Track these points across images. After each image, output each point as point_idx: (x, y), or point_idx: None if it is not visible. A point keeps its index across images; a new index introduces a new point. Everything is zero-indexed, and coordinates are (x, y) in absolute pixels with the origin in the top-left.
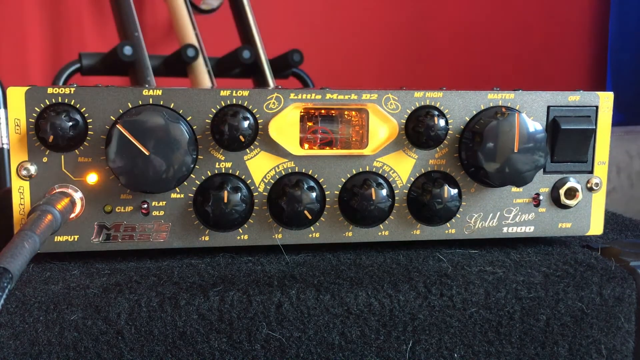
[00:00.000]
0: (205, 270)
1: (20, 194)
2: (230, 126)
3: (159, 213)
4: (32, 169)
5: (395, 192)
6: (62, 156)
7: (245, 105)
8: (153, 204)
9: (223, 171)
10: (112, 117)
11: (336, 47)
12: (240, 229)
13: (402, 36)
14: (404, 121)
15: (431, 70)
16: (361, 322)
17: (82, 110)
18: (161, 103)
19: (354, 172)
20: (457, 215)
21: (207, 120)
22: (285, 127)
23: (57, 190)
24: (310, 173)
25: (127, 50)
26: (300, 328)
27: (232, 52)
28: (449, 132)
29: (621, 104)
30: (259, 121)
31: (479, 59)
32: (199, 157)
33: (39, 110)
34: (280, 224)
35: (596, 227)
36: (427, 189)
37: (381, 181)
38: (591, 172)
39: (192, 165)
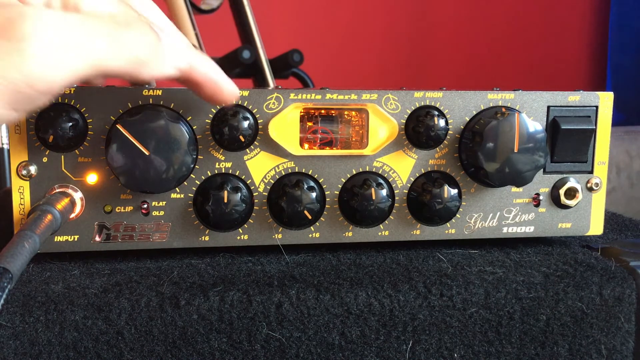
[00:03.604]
0: (205, 270)
1: (20, 194)
2: (230, 126)
3: (159, 213)
4: (32, 169)
5: (395, 192)
6: (62, 156)
7: (245, 105)
8: (153, 204)
9: (223, 171)
10: (112, 117)
11: (336, 47)
12: (240, 229)
13: (402, 36)
14: (404, 121)
15: (431, 70)
16: (361, 322)
17: (82, 110)
18: (161, 103)
19: (354, 172)
20: (457, 215)
21: (207, 120)
22: (285, 127)
23: (57, 190)
24: (310, 173)
25: None
26: (300, 328)
27: (232, 52)
28: (449, 132)
29: (621, 104)
30: (259, 121)
31: (479, 59)
32: (199, 157)
33: (39, 110)
34: (280, 224)
35: (596, 227)
36: (427, 189)
37: (381, 181)
38: (591, 172)
39: (192, 165)
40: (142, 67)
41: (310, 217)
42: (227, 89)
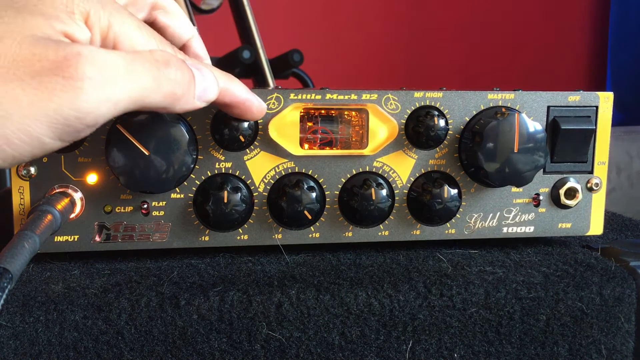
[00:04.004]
0: (205, 270)
1: (20, 194)
2: (230, 126)
3: (159, 213)
4: (32, 169)
5: (395, 192)
6: (62, 156)
7: None
8: (153, 204)
9: (223, 171)
10: None
11: (336, 47)
12: (240, 229)
13: (402, 36)
14: (404, 121)
15: (431, 70)
16: (361, 322)
17: None
18: None
19: (354, 172)
20: (457, 215)
21: (207, 120)
22: (285, 127)
23: (57, 190)
24: (310, 173)
25: None
26: (300, 328)
27: (232, 52)
28: (449, 132)
29: (621, 104)
30: (259, 121)
31: (479, 59)
32: (199, 157)
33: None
34: (280, 224)
35: (596, 227)
36: (427, 189)
37: (381, 181)
38: (591, 172)
39: (192, 165)
40: (176, 102)
41: (310, 217)
42: (256, 106)
